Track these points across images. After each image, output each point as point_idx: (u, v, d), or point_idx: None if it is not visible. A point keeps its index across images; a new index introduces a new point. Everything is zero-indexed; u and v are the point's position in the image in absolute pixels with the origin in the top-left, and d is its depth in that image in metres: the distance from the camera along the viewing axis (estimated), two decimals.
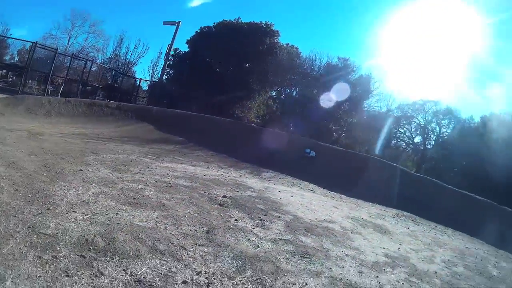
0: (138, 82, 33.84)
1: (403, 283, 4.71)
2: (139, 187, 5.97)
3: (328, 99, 22.31)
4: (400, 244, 6.86)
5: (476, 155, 22.52)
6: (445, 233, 9.89)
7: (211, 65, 26.37)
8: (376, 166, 15.45)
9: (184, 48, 28.77)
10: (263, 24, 26.67)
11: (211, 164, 10.98)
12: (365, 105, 26.97)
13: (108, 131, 13.52)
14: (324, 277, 4.13)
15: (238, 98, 23.38)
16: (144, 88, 34.37)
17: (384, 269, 5.04)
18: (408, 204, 11.91)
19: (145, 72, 45.86)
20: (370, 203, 11.38)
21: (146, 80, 33.44)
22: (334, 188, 12.01)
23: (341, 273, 4.38)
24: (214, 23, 27.50)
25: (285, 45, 27.11)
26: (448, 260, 6.74)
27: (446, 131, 31.44)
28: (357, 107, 25.16)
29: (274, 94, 27.69)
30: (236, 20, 27.27)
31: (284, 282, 3.71)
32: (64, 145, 8.60)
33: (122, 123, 16.00)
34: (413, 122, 33.27)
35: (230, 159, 12.50)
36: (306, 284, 3.80)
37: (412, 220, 10.46)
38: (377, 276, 4.64)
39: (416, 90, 48.17)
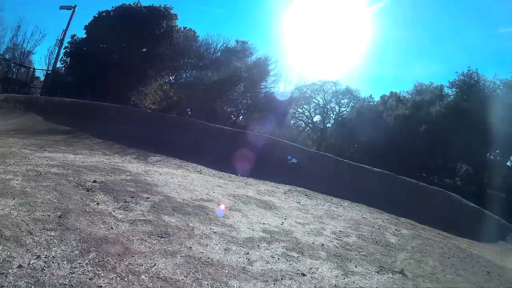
0: (33, 72, 32.05)
1: (278, 258, 4.72)
2: (7, 177, 5.98)
3: (224, 81, 23.16)
4: (285, 219, 7.01)
5: (375, 132, 24.48)
6: (340, 205, 10.37)
7: (109, 51, 25.81)
8: (271, 145, 16.29)
9: (82, 34, 27.69)
10: (162, 8, 26.60)
11: (95, 152, 11.16)
12: (262, 87, 28.16)
13: None
14: (180, 256, 4.10)
15: (134, 84, 23.30)
16: (42, 79, 32.65)
17: (258, 245, 5.07)
18: (303, 179, 12.60)
19: (41, 62, 42.92)
20: (262, 181, 11.91)
21: (42, 70, 31.69)
22: (225, 168, 12.46)
23: (202, 252, 4.38)
24: (112, 7, 26.94)
25: (182, 29, 27.27)
26: (340, 231, 6.88)
27: (345, 110, 34.35)
28: (254, 88, 26.20)
29: (172, 78, 27.62)
30: (135, 3, 26.91)
31: (129, 263, 3.65)
32: None
33: (10, 115, 15.58)
34: (312, 102, 35.72)
35: (117, 146, 12.73)
36: (155, 264, 3.76)
37: (306, 195, 10.92)
38: (248, 253, 4.66)
39: (316, 71, 51.47)
